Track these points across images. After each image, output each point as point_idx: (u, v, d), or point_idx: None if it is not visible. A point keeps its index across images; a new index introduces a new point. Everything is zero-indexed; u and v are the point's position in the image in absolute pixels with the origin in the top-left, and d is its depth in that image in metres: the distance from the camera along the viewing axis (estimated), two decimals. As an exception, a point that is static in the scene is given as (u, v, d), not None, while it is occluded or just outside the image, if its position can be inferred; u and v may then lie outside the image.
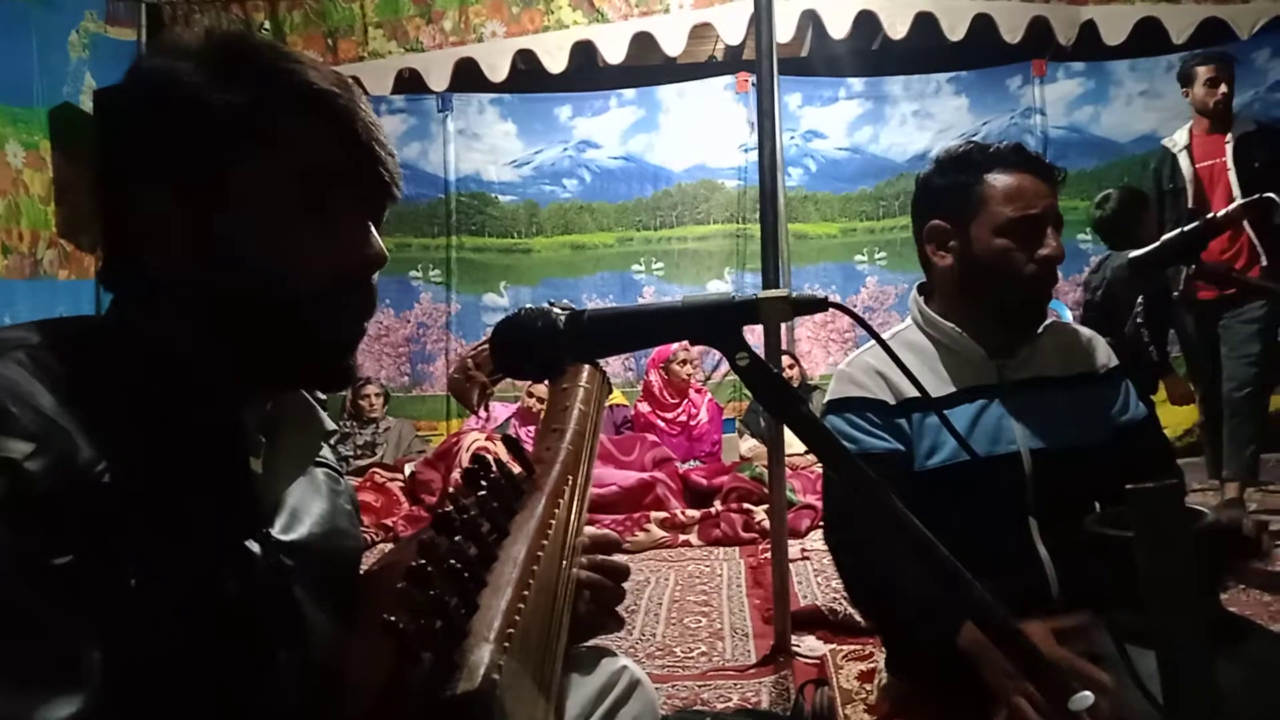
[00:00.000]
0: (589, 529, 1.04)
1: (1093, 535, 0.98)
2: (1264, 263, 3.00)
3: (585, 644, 1.12)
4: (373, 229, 0.83)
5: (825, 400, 1.59)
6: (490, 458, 0.90)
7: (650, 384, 5.49)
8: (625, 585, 1.05)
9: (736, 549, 4.07)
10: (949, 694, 1.49)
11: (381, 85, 5.07)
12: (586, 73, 5.87)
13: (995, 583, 1.40)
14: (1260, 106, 5.81)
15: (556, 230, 6.52)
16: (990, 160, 1.52)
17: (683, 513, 4.41)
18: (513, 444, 1.04)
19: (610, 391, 1.20)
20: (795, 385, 5.51)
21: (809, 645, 2.64)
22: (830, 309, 0.78)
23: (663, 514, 4.37)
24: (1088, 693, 0.63)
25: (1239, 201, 1.27)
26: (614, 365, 6.29)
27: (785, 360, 5.57)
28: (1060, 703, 0.63)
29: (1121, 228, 3.11)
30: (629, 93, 6.44)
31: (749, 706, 2.23)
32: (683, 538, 4.26)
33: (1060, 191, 1.55)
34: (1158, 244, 1.35)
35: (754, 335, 2.77)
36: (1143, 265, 1.38)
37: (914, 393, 1.50)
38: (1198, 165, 3.48)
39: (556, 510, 0.92)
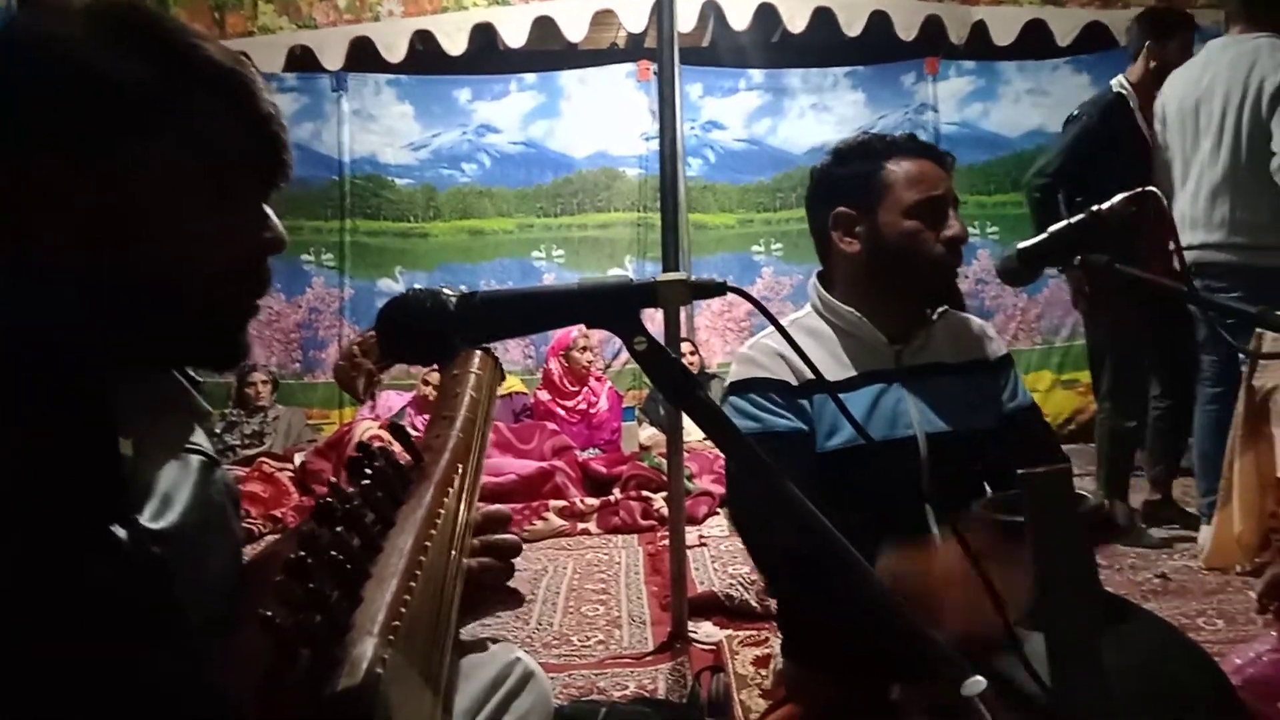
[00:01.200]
0: (481, 506, 1.02)
1: (984, 520, 0.99)
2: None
3: (478, 636, 1.10)
4: (270, 211, 0.82)
5: (728, 382, 1.60)
6: (376, 446, 0.87)
7: (550, 372, 5.45)
8: (521, 570, 1.03)
9: (635, 537, 4.09)
10: (843, 677, 1.51)
11: (272, 62, 4.90)
12: (486, 56, 5.77)
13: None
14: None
15: (454, 215, 6.40)
16: (889, 148, 1.56)
17: (582, 501, 4.40)
18: (400, 432, 1.00)
19: (503, 378, 1.18)
20: (695, 372, 5.55)
21: (705, 631, 2.66)
22: (728, 293, 0.77)
23: (561, 502, 4.36)
24: (979, 678, 0.63)
25: (1121, 195, 1.31)
26: (514, 353, 6.23)
27: (686, 347, 5.61)
28: (954, 689, 0.63)
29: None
30: (530, 77, 6.36)
31: (646, 694, 2.23)
32: (581, 526, 4.26)
33: (951, 176, 1.59)
34: (1045, 235, 1.38)
35: (654, 324, 2.76)
36: (1030, 257, 1.41)
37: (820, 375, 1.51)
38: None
39: (445, 499, 0.89)
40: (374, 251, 6.34)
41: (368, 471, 0.83)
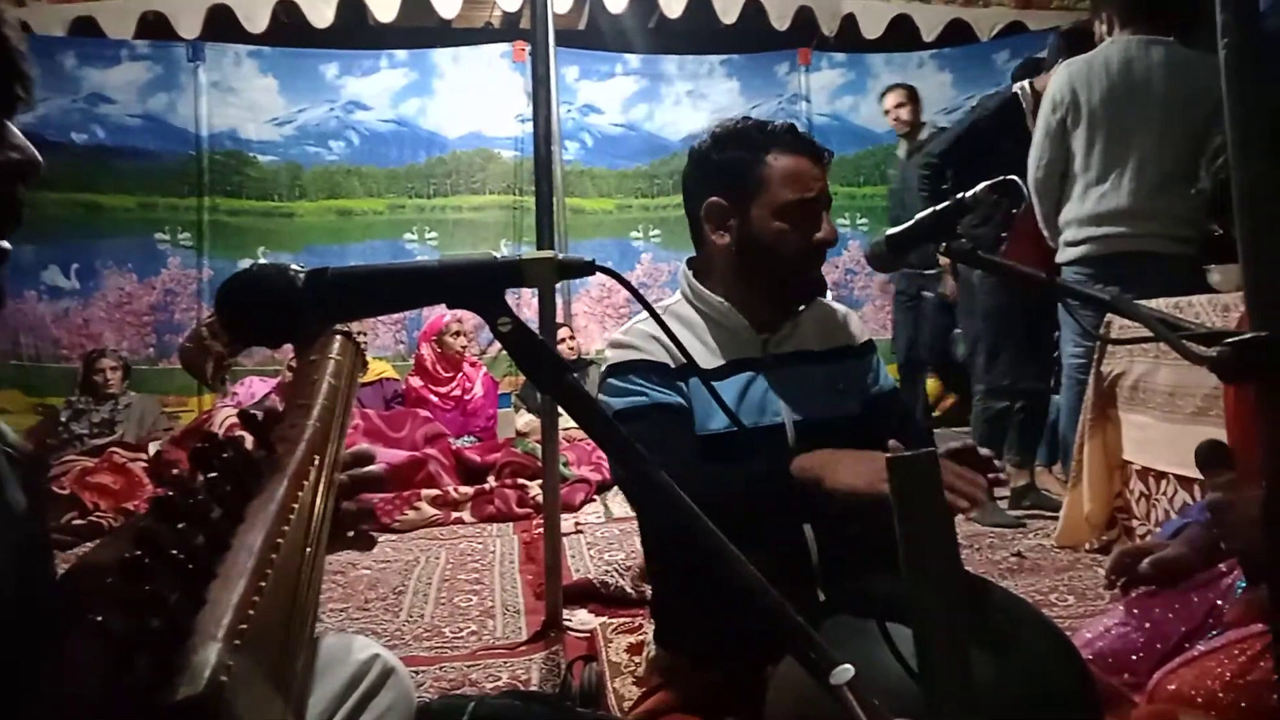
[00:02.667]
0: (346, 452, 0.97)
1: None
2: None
3: (335, 634, 1.04)
4: (16, 131, 0.73)
5: (605, 367, 1.58)
6: (223, 435, 0.81)
7: (422, 357, 5.32)
8: (392, 560, 0.98)
9: (511, 525, 4.03)
10: (715, 663, 1.52)
11: (122, 28, 4.62)
12: (355, 30, 5.59)
13: (761, 552, 1.45)
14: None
15: (321, 194, 6.17)
16: (769, 140, 1.54)
17: (455, 490, 4.32)
18: (251, 421, 0.94)
19: (365, 364, 1.12)
20: (573, 359, 5.51)
21: (581, 619, 2.63)
22: (596, 273, 0.74)
23: (434, 491, 4.26)
24: (848, 666, 0.62)
25: (984, 184, 1.34)
26: (384, 337, 6.07)
27: (564, 333, 5.56)
28: (822, 677, 0.62)
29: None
30: (401, 54, 6.18)
31: (519, 685, 2.19)
32: (455, 515, 4.18)
33: (827, 173, 1.60)
34: (913, 221, 1.40)
35: (533, 311, 2.71)
36: (898, 243, 1.43)
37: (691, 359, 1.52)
38: None
39: (300, 493, 0.83)
40: (235, 231, 6.06)
41: (214, 463, 0.76)
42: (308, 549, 0.84)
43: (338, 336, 1.03)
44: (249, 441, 0.86)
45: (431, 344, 5.28)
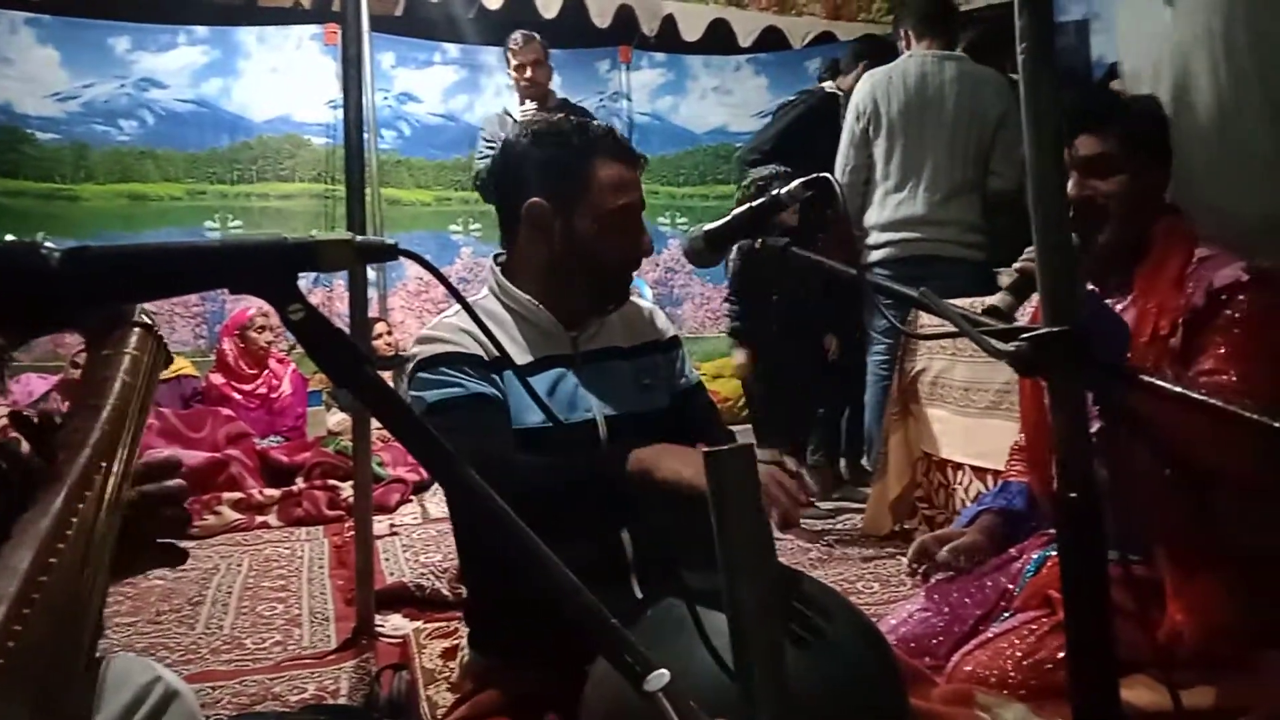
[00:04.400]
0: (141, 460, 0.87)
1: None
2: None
3: (117, 655, 0.95)
4: None
5: (414, 363, 1.52)
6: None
7: (224, 353, 5.01)
8: (190, 570, 0.89)
9: (321, 529, 3.86)
10: (531, 666, 1.48)
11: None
12: (149, 2, 5.21)
13: (577, 549, 1.43)
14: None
15: (112, 177, 5.69)
16: (592, 145, 1.53)
17: (260, 492, 4.10)
18: (25, 423, 0.83)
19: (169, 360, 1.02)
20: (390, 355, 5.33)
21: (394, 624, 2.54)
22: (412, 263, 0.68)
23: (237, 494, 4.03)
24: (663, 671, 0.60)
25: (798, 181, 1.36)
26: (183, 332, 5.68)
27: (381, 327, 5.38)
28: (638, 683, 0.60)
29: None
30: (201, 30, 5.79)
31: (326, 697, 2.09)
32: (260, 519, 3.96)
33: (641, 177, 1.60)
34: (729, 217, 1.41)
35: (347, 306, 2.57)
36: (716, 238, 1.43)
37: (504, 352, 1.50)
38: None
39: (80, 506, 0.74)
40: (12, 215, 5.51)
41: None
42: (86, 569, 0.75)
43: (136, 328, 0.92)
44: (24, 447, 0.76)
45: (233, 339, 4.98)
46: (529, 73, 4.04)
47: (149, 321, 0.94)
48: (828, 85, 3.96)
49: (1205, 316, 1.53)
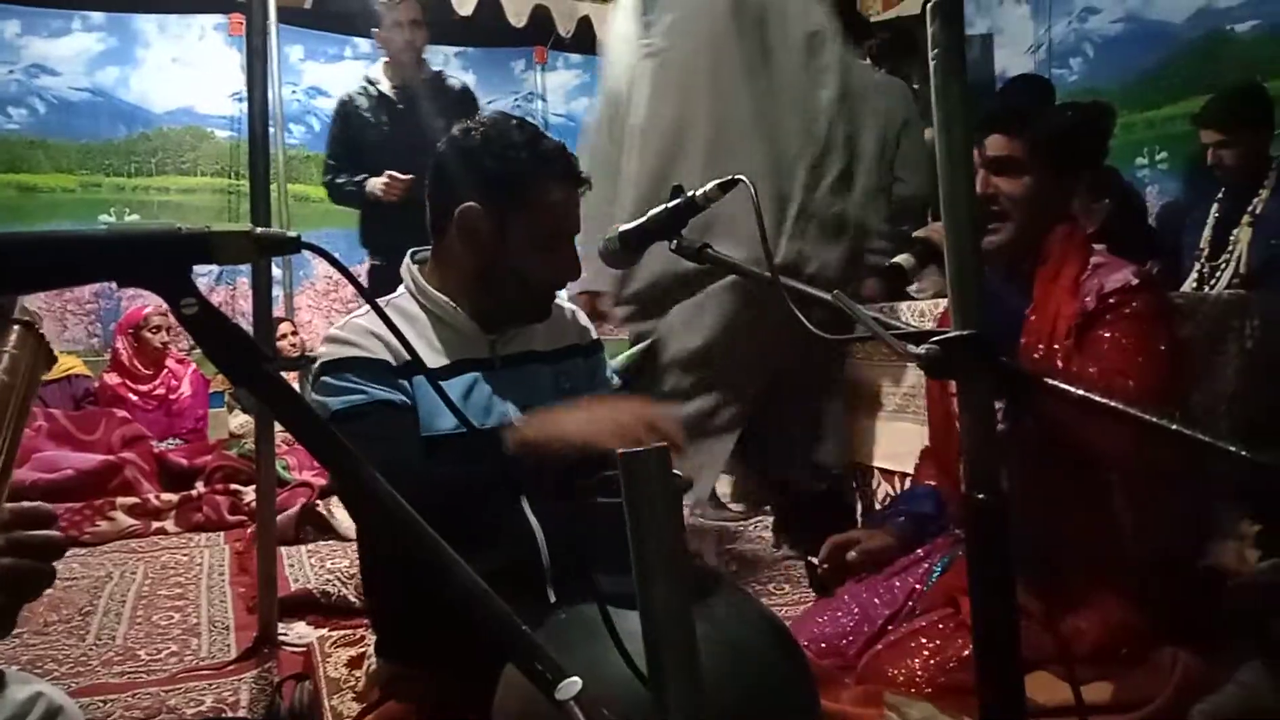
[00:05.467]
0: (7, 505, 0.81)
1: (583, 502, 0.97)
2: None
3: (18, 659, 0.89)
4: None
5: (319, 364, 1.47)
6: None
7: (119, 351, 4.81)
8: (79, 578, 0.83)
9: (221, 535, 3.74)
10: (439, 673, 1.45)
11: None
12: (42, -16, 5.00)
13: (492, 553, 1.40)
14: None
15: (0, 167, 5.45)
16: (541, 163, 1.49)
17: (156, 497, 3.95)
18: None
19: (52, 359, 0.96)
20: (295, 356, 5.19)
21: (298, 632, 2.46)
22: (305, 252, 0.66)
23: (132, 499, 3.88)
24: (575, 679, 0.59)
25: (714, 182, 1.36)
26: (75, 329, 5.46)
27: (286, 328, 5.24)
28: (549, 691, 0.58)
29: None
30: (97, 17, 5.58)
31: (225, 709, 2.01)
32: (157, 525, 3.83)
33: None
34: (644, 218, 1.39)
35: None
36: (630, 239, 1.42)
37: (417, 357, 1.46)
38: None
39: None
40: (-113, 204, 5.24)
41: None
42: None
43: (15, 326, 0.87)
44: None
45: (129, 337, 4.79)
46: (406, 33, 3.61)
47: (30, 319, 0.89)
48: None
49: (1096, 317, 1.59)
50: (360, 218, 3.76)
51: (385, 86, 3.70)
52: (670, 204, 1.36)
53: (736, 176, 1.37)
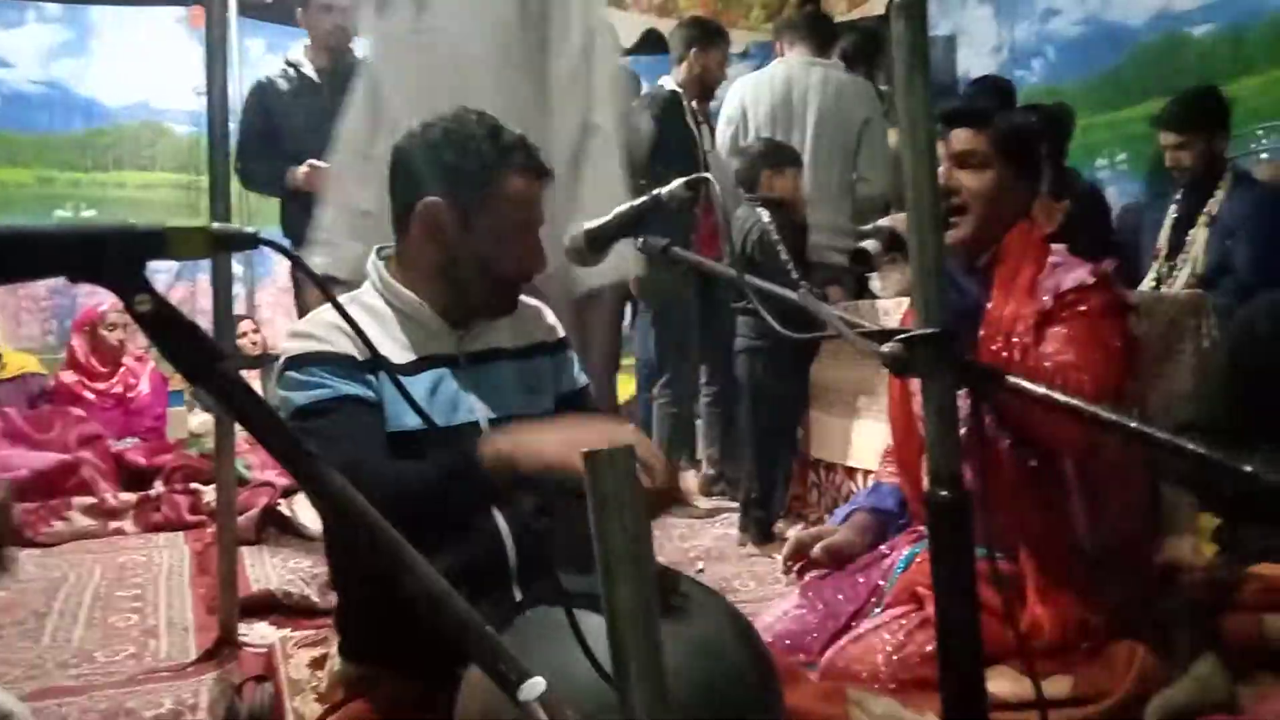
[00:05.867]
0: None
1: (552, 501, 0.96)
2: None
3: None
4: None
5: (283, 359, 1.45)
6: None
7: (75, 349, 4.72)
8: (32, 580, 0.81)
9: (181, 535, 3.69)
10: (405, 673, 1.44)
11: None
12: (-5, -25, 4.89)
13: (458, 552, 1.40)
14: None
15: (-51, 160, 5.34)
16: (503, 154, 1.48)
17: (114, 497, 3.88)
18: None
19: None
20: (257, 355, 5.13)
21: (259, 633, 2.44)
22: (260, 246, 0.65)
23: (89, 499, 3.81)
24: (538, 679, 0.58)
25: (680, 180, 1.36)
26: (30, 327, 5.36)
27: (247, 325, 5.18)
28: (512, 691, 0.57)
29: None
30: (53, 8, 5.48)
31: (184, 711, 1.99)
32: (115, 525, 3.77)
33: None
34: (610, 216, 1.40)
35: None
36: (596, 238, 1.42)
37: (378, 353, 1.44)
38: None
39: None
40: None
41: None
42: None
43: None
44: None
45: (85, 335, 4.71)
46: (336, 17, 3.43)
47: None
48: (666, 81, 3.93)
49: (1052, 315, 1.61)
50: (281, 206, 3.58)
51: (308, 69, 3.54)
52: (636, 202, 1.36)
53: (704, 175, 1.37)
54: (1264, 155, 3.63)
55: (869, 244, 1.56)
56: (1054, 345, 1.58)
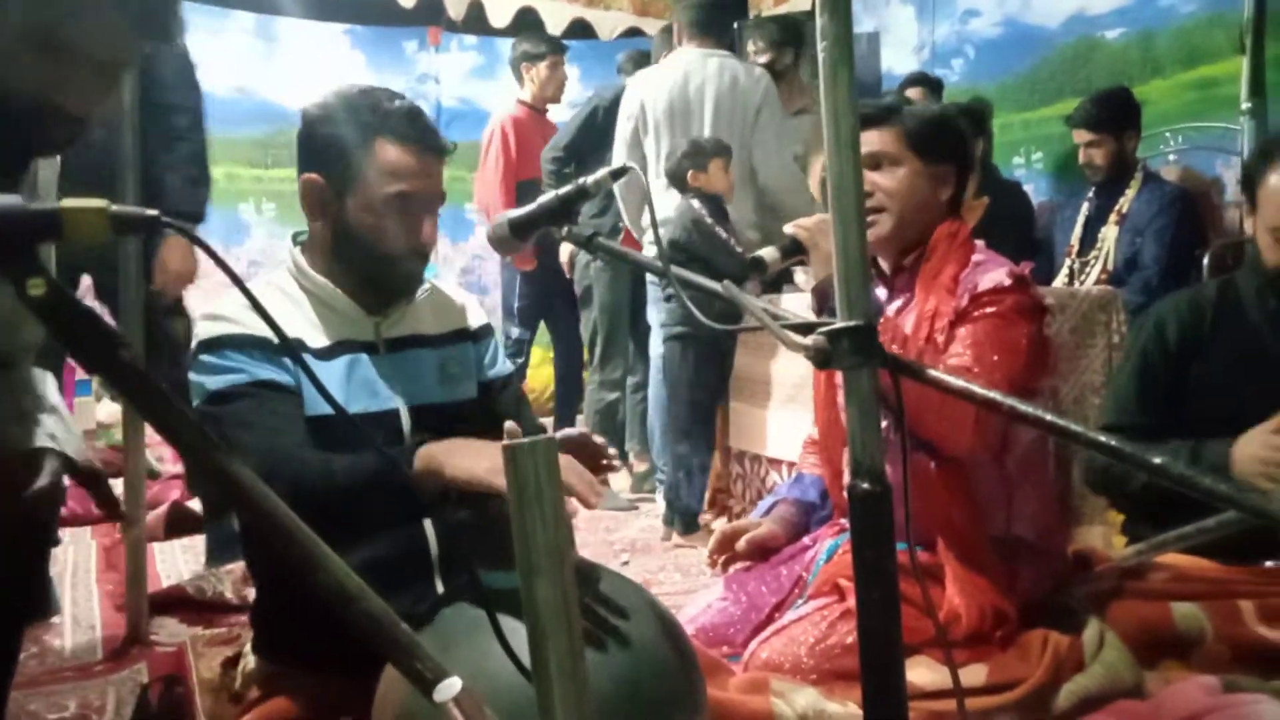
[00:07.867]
0: None
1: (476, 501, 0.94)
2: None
3: None
4: None
5: (196, 342, 1.40)
6: None
7: (-24, 337, 4.52)
8: None
9: (88, 530, 3.55)
10: (321, 670, 1.41)
11: None
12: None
13: (379, 544, 1.36)
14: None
15: None
16: (380, 122, 1.43)
17: (17, 490, 3.72)
18: None
19: None
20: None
21: (170, 631, 2.36)
22: (164, 229, 0.62)
23: (-12, 493, 3.64)
24: (455, 679, 0.57)
25: (605, 170, 1.35)
26: (-74, 313, 5.11)
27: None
28: (428, 691, 0.56)
29: None
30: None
31: (90, 714, 1.91)
32: (16, 520, 3.60)
33: (449, 164, 1.53)
34: (534, 205, 1.37)
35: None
36: (520, 226, 1.40)
37: (295, 336, 1.42)
38: None
39: None
40: None
41: None
42: None
43: None
44: None
45: (-13, 322, 4.51)
46: None
47: None
48: (625, 79, 3.98)
49: (965, 314, 1.63)
50: None
51: None
52: (560, 191, 1.35)
53: (627, 165, 1.36)
54: (1172, 157, 3.75)
55: (765, 252, 1.57)
56: (957, 347, 1.60)
